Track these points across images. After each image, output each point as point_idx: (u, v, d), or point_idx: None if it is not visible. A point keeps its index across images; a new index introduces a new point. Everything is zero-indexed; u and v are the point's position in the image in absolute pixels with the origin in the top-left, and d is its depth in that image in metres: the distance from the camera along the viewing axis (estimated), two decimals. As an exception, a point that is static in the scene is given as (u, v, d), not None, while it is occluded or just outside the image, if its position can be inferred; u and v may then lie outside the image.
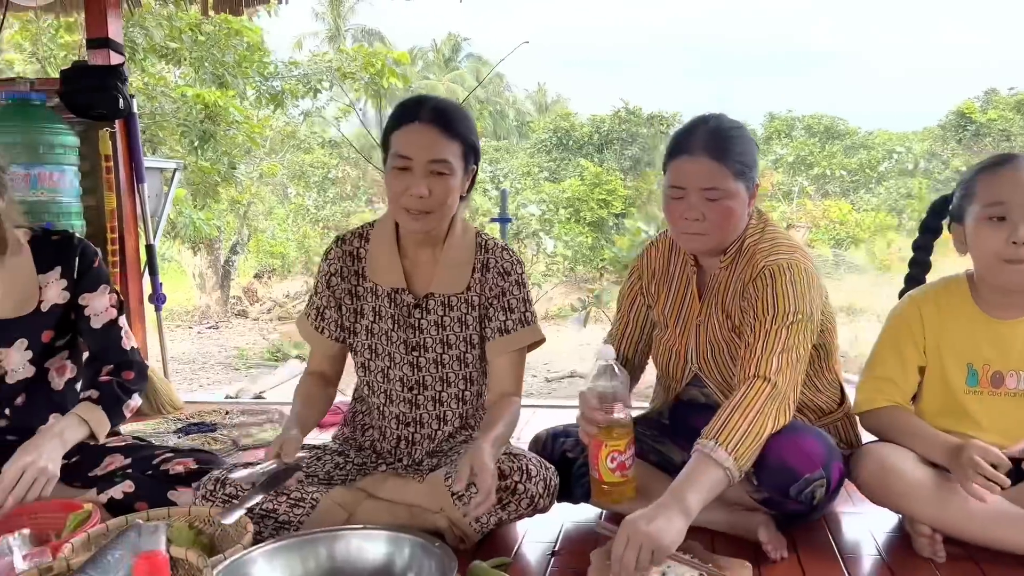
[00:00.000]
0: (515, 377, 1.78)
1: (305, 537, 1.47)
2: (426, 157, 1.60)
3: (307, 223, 14.83)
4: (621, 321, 1.87)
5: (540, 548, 1.68)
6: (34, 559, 1.36)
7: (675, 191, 1.62)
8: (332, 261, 1.79)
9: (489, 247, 1.78)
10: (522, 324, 1.76)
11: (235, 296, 12.60)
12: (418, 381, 1.77)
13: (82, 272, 1.83)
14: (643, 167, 15.46)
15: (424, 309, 1.75)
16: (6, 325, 1.76)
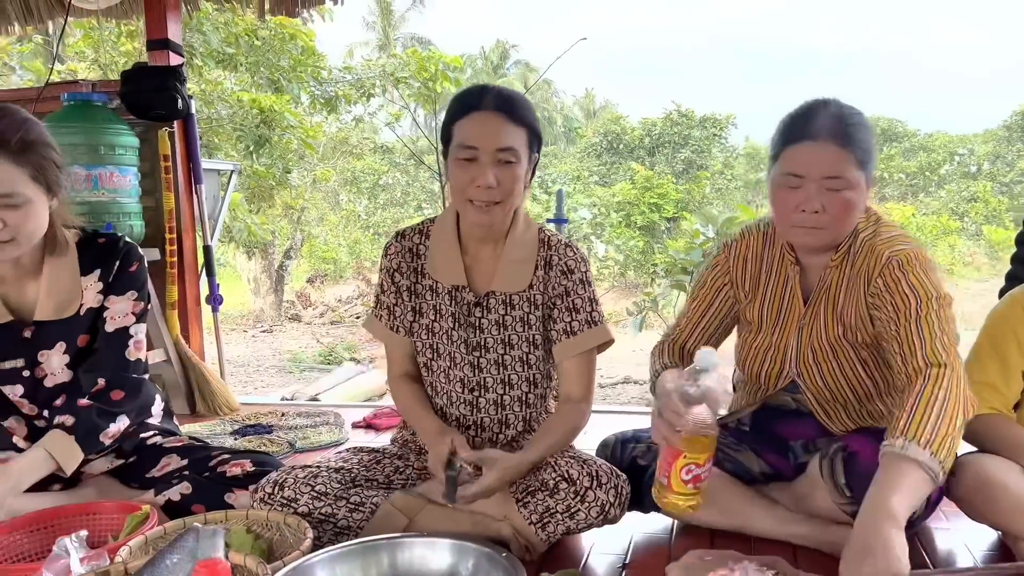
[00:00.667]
0: (583, 381, 1.70)
1: (367, 544, 1.41)
2: (493, 145, 1.54)
3: (358, 229, 14.96)
4: (697, 313, 1.73)
5: (609, 560, 1.59)
6: (91, 562, 1.33)
7: (792, 179, 1.48)
8: (392, 256, 1.74)
9: (552, 244, 1.71)
10: (589, 324, 1.68)
11: (288, 300, 12.75)
12: (479, 383, 1.70)
13: (117, 275, 1.78)
14: (696, 170, 15.23)
15: (485, 308, 1.69)
16: (47, 327, 1.73)
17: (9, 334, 1.70)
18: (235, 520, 1.56)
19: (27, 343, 1.72)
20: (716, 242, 4.83)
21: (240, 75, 7.69)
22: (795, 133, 1.50)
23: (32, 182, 1.57)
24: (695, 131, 15.94)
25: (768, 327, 1.67)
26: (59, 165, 1.64)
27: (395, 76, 7.69)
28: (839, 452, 1.53)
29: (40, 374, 1.74)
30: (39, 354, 1.73)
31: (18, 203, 1.55)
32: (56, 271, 1.71)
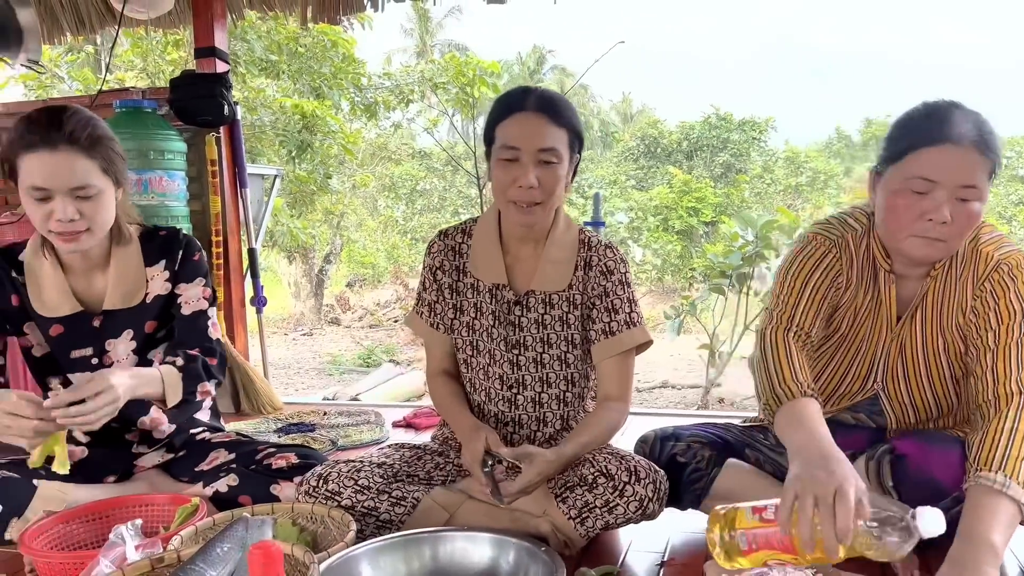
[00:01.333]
0: (621, 381, 1.71)
1: (409, 537, 1.44)
2: (535, 146, 1.57)
3: (396, 234, 15.10)
4: (814, 302, 1.52)
5: (648, 558, 1.60)
6: (145, 550, 1.37)
7: (921, 184, 1.36)
8: (435, 255, 1.78)
9: (592, 245, 1.73)
10: (627, 325, 1.70)
11: (328, 304, 12.91)
12: (517, 380, 1.73)
13: (182, 263, 1.86)
14: (734, 174, 15.09)
15: (524, 306, 1.72)
16: (115, 316, 1.80)
17: (80, 324, 1.78)
18: (281, 512, 1.60)
19: (96, 332, 1.80)
20: (755, 245, 4.79)
21: (282, 83, 7.84)
22: (930, 135, 1.37)
23: (103, 174, 1.65)
24: (734, 134, 15.79)
25: (853, 337, 1.58)
26: (123, 158, 1.73)
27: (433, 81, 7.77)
28: (886, 454, 1.51)
29: (108, 361, 1.82)
30: (107, 343, 1.81)
31: (92, 194, 1.63)
32: (122, 262, 1.79)
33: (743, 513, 1.21)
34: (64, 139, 1.59)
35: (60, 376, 1.81)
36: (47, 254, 1.75)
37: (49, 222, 1.61)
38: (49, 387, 1.80)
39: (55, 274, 1.75)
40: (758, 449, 1.71)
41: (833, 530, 1.10)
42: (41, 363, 1.82)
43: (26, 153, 1.59)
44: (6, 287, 1.75)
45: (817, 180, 15.16)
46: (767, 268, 4.85)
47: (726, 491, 1.64)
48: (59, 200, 1.60)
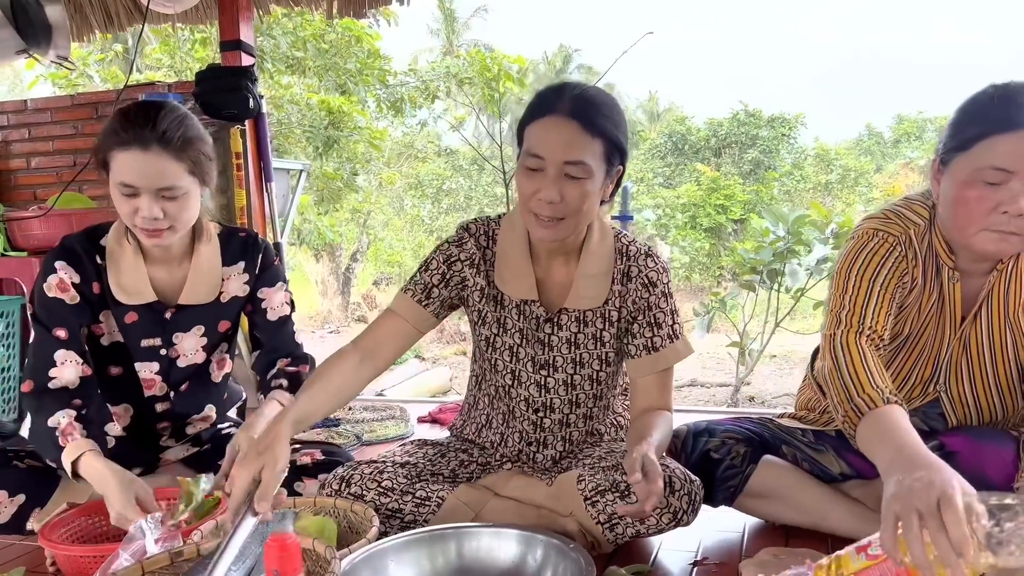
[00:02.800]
0: (665, 393, 1.60)
1: (434, 532, 1.40)
2: (560, 158, 1.40)
3: (422, 233, 15.12)
4: (884, 300, 1.41)
5: (680, 557, 1.54)
6: (165, 543, 1.35)
7: (995, 174, 1.26)
8: (465, 248, 1.63)
9: (631, 254, 1.60)
10: (671, 339, 1.59)
11: (355, 302, 12.96)
12: (544, 403, 1.65)
13: (263, 268, 1.86)
14: (763, 171, 14.91)
15: (556, 324, 1.60)
16: (188, 310, 1.80)
17: (153, 314, 1.78)
18: (303, 506, 1.57)
19: (166, 324, 1.79)
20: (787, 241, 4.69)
21: (308, 79, 7.86)
22: (1005, 120, 1.26)
23: (189, 175, 1.64)
24: (763, 131, 15.60)
25: (916, 339, 1.50)
26: (211, 159, 1.72)
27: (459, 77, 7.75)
28: (935, 451, 1.44)
29: (174, 354, 1.82)
30: (174, 335, 1.80)
31: (178, 195, 1.62)
32: (202, 259, 1.79)
33: (847, 558, 1.09)
34: (156, 139, 1.58)
35: (123, 366, 1.81)
36: (130, 240, 1.75)
37: (135, 217, 1.62)
38: (109, 375, 1.79)
39: (136, 262, 1.75)
40: (795, 446, 1.65)
41: (948, 543, 0.94)
42: (107, 352, 1.81)
43: (119, 150, 1.59)
44: (89, 273, 1.74)
45: (848, 177, 14.94)
46: (798, 264, 4.75)
47: (761, 488, 1.58)
48: (145, 198, 1.60)
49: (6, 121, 3.48)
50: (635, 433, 1.51)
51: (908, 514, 0.98)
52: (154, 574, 1.23)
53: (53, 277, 1.72)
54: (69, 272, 1.72)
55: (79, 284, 1.73)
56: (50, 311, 1.71)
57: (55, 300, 1.71)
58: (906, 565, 1.00)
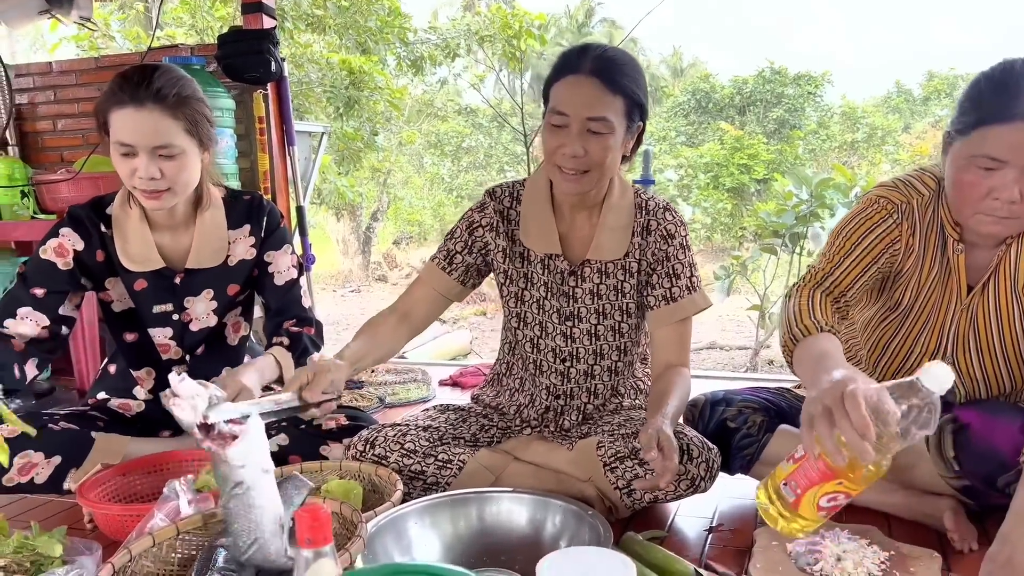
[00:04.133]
0: (683, 347, 1.67)
1: (456, 496, 1.44)
2: (583, 114, 1.48)
3: (442, 192, 15.10)
4: (859, 263, 1.46)
5: (696, 523, 1.58)
6: (198, 504, 1.40)
7: (989, 162, 1.28)
8: (486, 214, 1.71)
9: (650, 208, 1.67)
10: (688, 290, 1.65)
11: (375, 261, 13.03)
12: (571, 353, 1.70)
13: (269, 231, 1.89)
14: (788, 130, 14.67)
15: (579, 277, 1.66)
16: (196, 275, 1.84)
17: (162, 280, 1.82)
18: (329, 470, 1.62)
19: (176, 289, 1.84)
20: (810, 204, 4.66)
21: (328, 38, 7.81)
22: (1000, 111, 1.27)
23: (186, 135, 1.67)
24: (789, 89, 15.30)
25: (920, 309, 1.51)
26: (211, 121, 1.75)
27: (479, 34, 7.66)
28: (948, 424, 1.45)
29: (186, 319, 1.86)
30: (185, 300, 1.85)
31: (174, 154, 1.65)
32: (206, 223, 1.82)
33: (779, 468, 1.14)
34: (151, 97, 1.61)
35: (138, 331, 1.85)
36: (132, 206, 1.79)
37: (133, 178, 1.65)
38: (125, 341, 1.85)
39: (141, 228, 1.79)
40: (795, 420, 1.66)
41: (851, 428, 0.99)
42: (120, 318, 1.86)
43: (116, 109, 1.62)
44: (94, 242, 1.79)
45: (874, 136, 14.66)
46: (821, 228, 4.72)
47: (777, 457, 1.59)
48: (143, 157, 1.63)
49: (32, 83, 3.50)
50: (654, 398, 1.56)
51: (818, 412, 1.05)
52: (188, 534, 1.28)
53: (53, 241, 1.77)
54: (73, 239, 1.77)
55: (81, 252, 1.77)
56: (37, 270, 1.76)
57: (47, 262, 1.76)
58: (822, 459, 1.04)
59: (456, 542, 1.40)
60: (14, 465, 1.67)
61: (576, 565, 0.98)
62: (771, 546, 1.36)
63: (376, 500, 1.57)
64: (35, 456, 1.69)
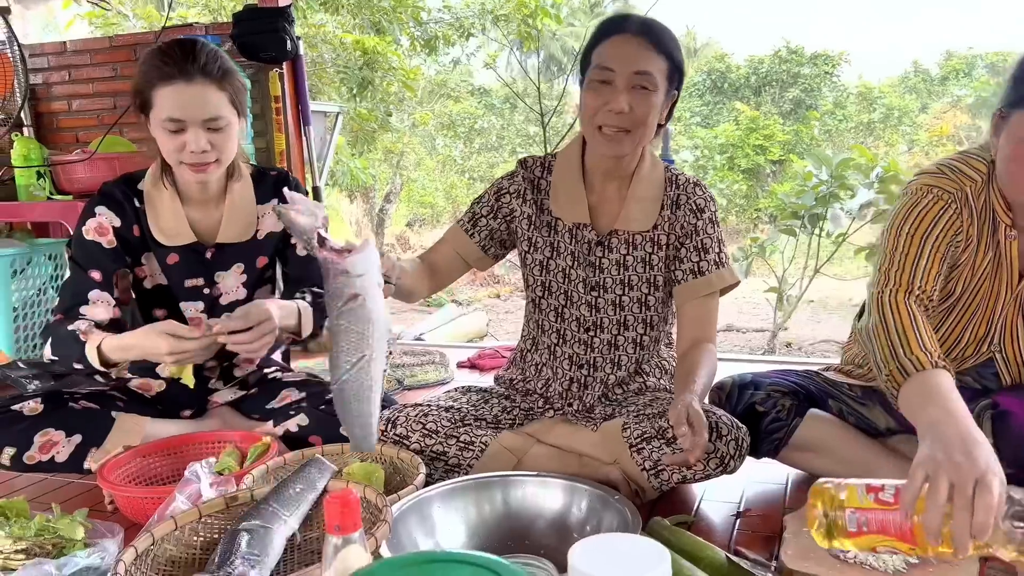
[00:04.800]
0: (710, 323, 1.66)
1: (480, 480, 1.42)
2: (630, 68, 1.47)
3: (454, 173, 15.03)
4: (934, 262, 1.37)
5: (723, 508, 1.55)
6: (219, 487, 1.39)
7: None
8: (514, 181, 1.71)
9: (680, 183, 1.66)
10: (717, 265, 1.63)
11: (388, 244, 13.01)
12: (595, 323, 1.68)
13: None
14: (804, 110, 14.50)
15: (606, 247, 1.65)
16: (226, 249, 1.84)
17: (194, 254, 1.82)
18: (350, 453, 1.60)
19: (207, 263, 1.84)
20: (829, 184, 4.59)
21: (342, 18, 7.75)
22: None
23: (231, 106, 1.68)
24: (805, 68, 15.10)
25: (970, 299, 1.46)
26: (246, 90, 1.76)
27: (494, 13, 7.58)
28: (987, 409, 1.41)
29: (216, 293, 1.86)
30: (216, 274, 1.85)
31: (222, 126, 1.66)
32: (237, 196, 1.83)
33: (854, 491, 1.09)
34: (199, 71, 1.62)
35: (167, 307, 1.85)
36: (167, 184, 1.78)
37: (182, 153, 1.65)
38: (154, 317, 1.84)
39: (174, 204, 1.79)
40: (841, 400, 1.63)
41: (969, 524, 0.95)
42: (151, 295, 1.86)
43: (162, 85, 1.62)
44: (129, 217, 1.78)
45: (891, 117, 14.47)
46: (841, 209, 4.65)
47: (805, 442, 1.58)
48: (192, 131, 1.63)
49: (46, 63, 3.48)
50: (681, 375, 1.54)
51: (940, 480, 0.98)
52: (211, 517, 1.27)
53: (92, 221, 1.76)
54: (109, 216, 1.76)
55: (119, 228, 1.77)
56: (87, 253, 1.75)
57: (92, 243, 1.75)
58: (913, 524, 1.00)
59: (480, 526, 1.38)
60: (35, 443, 1.66)
61: (608, 552, 0.95)
62: (802, 532, 1.33)
63: (398, 483, 1.56)
64: (55, 434, 1.68)
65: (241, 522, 1.21)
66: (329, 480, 1.33)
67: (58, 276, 3.02)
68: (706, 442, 1.32)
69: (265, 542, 1.18)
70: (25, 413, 1.68)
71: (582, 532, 1.34)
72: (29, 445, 1.65)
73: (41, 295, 2.99)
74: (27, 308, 2.95)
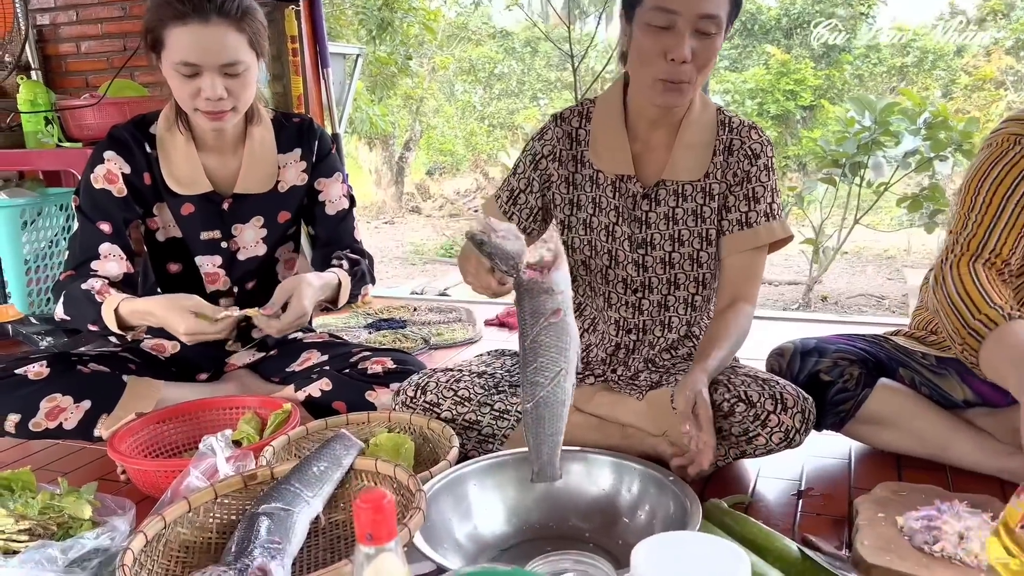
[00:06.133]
0: (751, 281, 1.49)
1: (520, 456, 1.29)
2: (696, 11, 1.28)
3: (474, 120, 14.74)
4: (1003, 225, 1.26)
5: (782, 486, 1.43)
6: (236, 462, 1.28)
7: None
8: (547, 142, 1.53)
9: (734, 126, 1.48)
10: (767, 217, 1.47)
11: (408, 192, 12.85)
12: (643, 283, 1.52)
13: (320, 157, 1.76)
14: (837, 53, 14.00)
15: (653, 200, 1.48)
16: (245, 200, 1.70)
17: (210, 205, 1.68)
18: (377, 422, 1.49)
19: (224, 215, 1.70)
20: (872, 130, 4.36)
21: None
22: None
23: (250, 48, 1.53)
24: (840, 9, 14.54)
25: None
26: (266, 28, 1.59)
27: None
28: None
29: (234, 247, 1.73)
30: (233, 227, 1.72)
31: (240, 71, 1.51)
32: (256, 144, 1.68)
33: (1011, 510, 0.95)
34: (216, 10, 1.46)
35: (182, 262, 1.73)
36: (182, 128, 1.64)
37: (196, 99, 1.51)
38: (168, 272, 1.72)
39: (188, 150, 1.64)
40: (914, 368, 1.49)
41: None
42: (164, 248, 1.73)
43: (175, 25, 1.46)
44: (140, 164, 1.64)
45: (925, 60, 13.95)
46: (883, 157, 4.43)
47: (875, 415, 1.44)
48: (208, 77, 1.48)
49: (52, 2, 3.32)
50: (705, 341, 1.43)
51: None
52: (227, 497, 1.16)
53: (101, 168, 1.62)
54: (119, 162, 1.62)
55: (129, 175, 1.63)
56: (96, 203, 1.62)
57: (102, 192, 1.62)
58: None
59: (520, 507, 1.27)
60: (41, 409, 1.56)
61: (678, 555, 0.83)
62: (877, 519, 1.20)
63: (428, 454, 1.45)
64: (63, 400, 1.57)
65: (260, 504, 1.09)
66: (356, 457, 1.22)
67: (70, 227, 2.91)
68: (714, 443, 1.24)
69: (287, 527, 1.07)
70: (30, 377, 1.58)
71: (632, 516, 1.22)
72: (35, 411, 1.55)
73: (53, 247, 2.89)
74: (39, 261, 2.85)
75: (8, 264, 2.75)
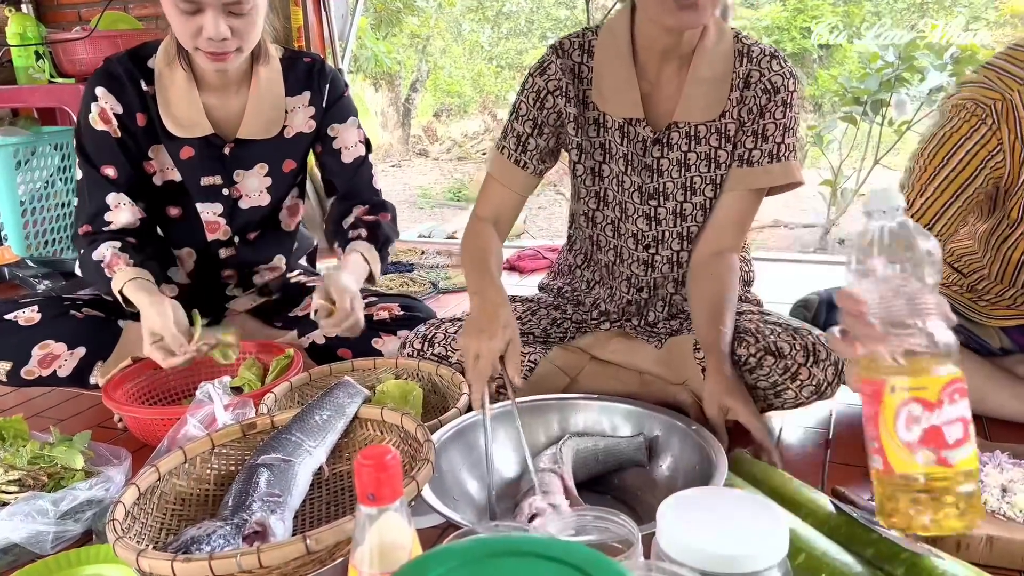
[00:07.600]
0: (740, 226, 1.35)
1: (534, 403, 1.23)
2: None
3: (482, 61, 14.42)
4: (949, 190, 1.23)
5: (808, 437, 1.36)
6: (235, 409, 1.22)
7: None
8: (551, 77, 1.35)
9: (753, 55, 1.30)
10: (771, 158, 1.31)
11: (415, 135, 12.65)
12: (656, 237, 1.40)
13: (332, 101, 1.63)
14: (856, -10, 13.56)
15: (665, 145, 1.34)
16: (248, 145, 1.59)
17: (210, 149, 1.57)
18: (384, 368, 1.42)
19: (225, 160, 1.59)
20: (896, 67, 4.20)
21: None
22: None
23: None
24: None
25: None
26: None
27: None
28: None
29: (236, 194, 1.62)
30: (235, 173, 1.60)
31: (246, 10, 1.38)
32: (262, 86, 1.55)
33: None
34: None
35: (182, 206, 1.62)
36: (183, 65, 1.50)
37: (197, 39, 1.38)
38: (168, 215, 1.62)
39: (189, 89, 1.51)
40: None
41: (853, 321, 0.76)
42: (161, 192, 1.61)
43: None
44: (132, 102, 1.52)
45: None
46: (907, 94, 4.27)
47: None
48: (210, 15, 1.35)
49: (41, -68, 3.18)
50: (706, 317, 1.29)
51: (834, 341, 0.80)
52: (225, 447, 1.10)
53: (95, 106, 1.51)
54: (111, 101, 1.51)
55: (121, 116, 1.52)
56: (98, 146, 1.52)
57: (102, 133, 1.51)
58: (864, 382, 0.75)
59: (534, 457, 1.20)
60: (33, 356, 1.49)
61: (708, 512, 0.76)
62: (913, 471, 1.13)
63: (437, 402, 1.38)
64: (56, 347, 1.51)
65: (260, 455, 1.03)
66: (360, 405, 1.15)
67: (66, 167, 2.81)
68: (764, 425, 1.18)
69: (287, 479, 1.02)
70: (20, 323, 1.51)
71: (656, 468, 1.15)
72: (27, 359, 1.48)
73: (49, 188, 2.80)
74: (35, 202, 2.76)
75: (3, 206, 2.66)
